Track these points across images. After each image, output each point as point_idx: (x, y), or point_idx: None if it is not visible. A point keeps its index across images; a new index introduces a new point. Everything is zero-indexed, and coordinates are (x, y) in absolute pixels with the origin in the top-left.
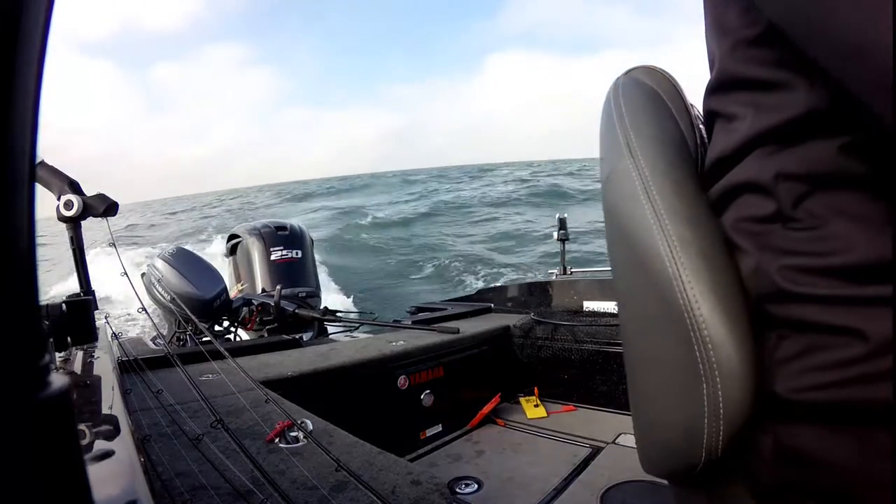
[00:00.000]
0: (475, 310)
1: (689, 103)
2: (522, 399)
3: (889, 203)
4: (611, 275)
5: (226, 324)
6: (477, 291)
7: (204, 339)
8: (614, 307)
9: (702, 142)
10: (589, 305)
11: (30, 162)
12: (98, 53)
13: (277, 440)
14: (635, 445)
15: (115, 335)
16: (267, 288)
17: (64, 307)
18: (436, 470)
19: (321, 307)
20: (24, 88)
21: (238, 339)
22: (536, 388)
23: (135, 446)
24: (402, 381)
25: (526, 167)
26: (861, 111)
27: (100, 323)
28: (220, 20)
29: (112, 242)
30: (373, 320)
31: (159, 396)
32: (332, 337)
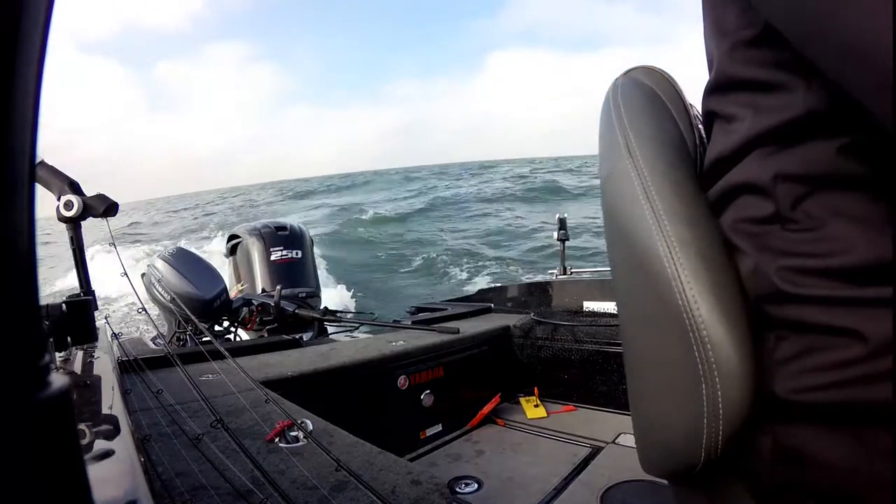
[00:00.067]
0: (475, 310)
1: (689, 103)
2: (522, 399)
3: (888, 204)
4: (610, 275)
5: (226, 324)
6: (477, 291)
7: (204, 339)
8: (614, 307)
9: (701, 142)
10: (589, 305)
11: (30, 162)
12: (100, 52)
13: (277, 440)
14: (635, 445)
15: (115, 335)
16: (267, 288)
17: (64, 307)
18: (436, 470)
19: (321, 307)
20: (24, 88)
21: (238, 339)
22: (536, 388)
23: (135, 446)
24: (402, 381)
25: (527, 164)
26: (860, 112)
27: (100, 323)
28: (222, 18)
29: (112, 243)
30: (373, 320)
31: (159, 396)
32: (332, 337)
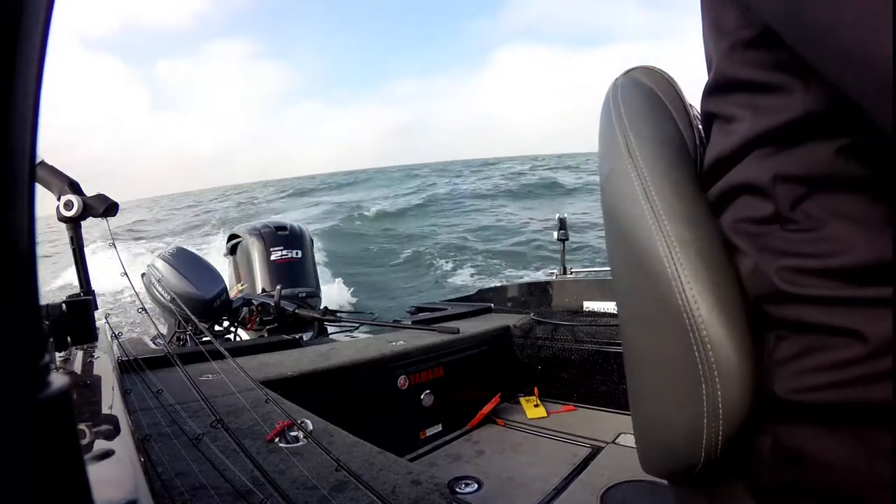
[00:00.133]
0: (475, 310)
1: (688, 103)
2: (522, 399)
3: (888, 205)
4: (610, 275)
5: (226, 324)
6: (477, 291)
7: (204, 339)
8: (614, 307)
9: (701, 142)
10: (589, 305)
11: (30, 162)
12: (102, 50)
13: (277, 440)
14: (635, 445)
15: (115, 335)
16: (267, 288)
17: (64, 307)
18: (436, 470)
19: (321, 307)
20: (24, 88)
21: (238, 339)
22: (536, 388)
23: (135, 446)
24: (402, 381)
25: (529, 161)
26: (859, 114)
27: (100, 323)
28: (225, 16)
29: (112, 243)
30: (373, 320)
31: (159, 396)
32: (332, 337)
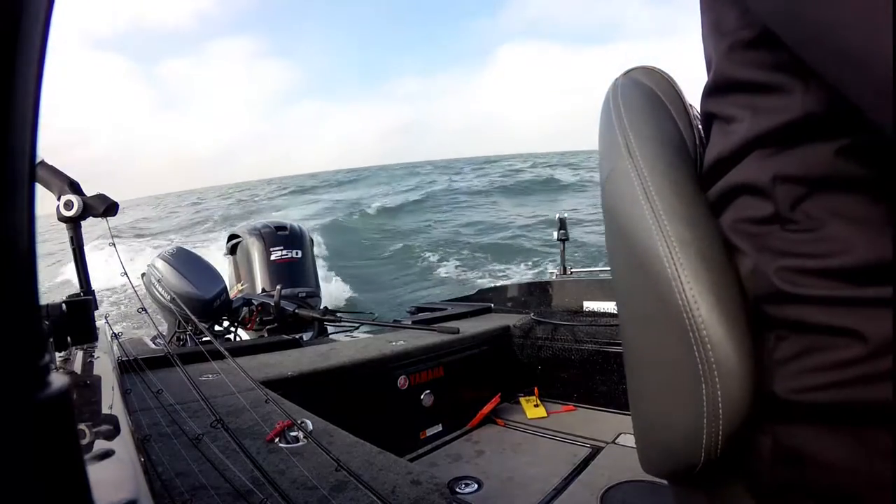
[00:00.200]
0: (475, 310)
1: (689, 103)
2: (522, 399)
3: (888, 205)
4: (610, 275)
5: (226, 324)
6: (477, 291)
7: (204, 339)
8: (614, 307)
9: (701, 142)
10: (589, 305)
11: (30, 162)
12: (105, 49)
13: (277, 440)
14: (635, 445)
15: (115, 335)
16: (267, 288)
17: (64, 307)
18: (436, 470)
19: (321, 307)
20: (24, 88)
21: (238, 339)
22: (536, 388)
23: (135, 446)
24: (402, 381)
25: (531, 158)
26: (858, 115)
27: (100, 323)
28: (229, 14)
29: (112, 243)
30: (373, 320)
31: (159, 396)
32: (332, 337)
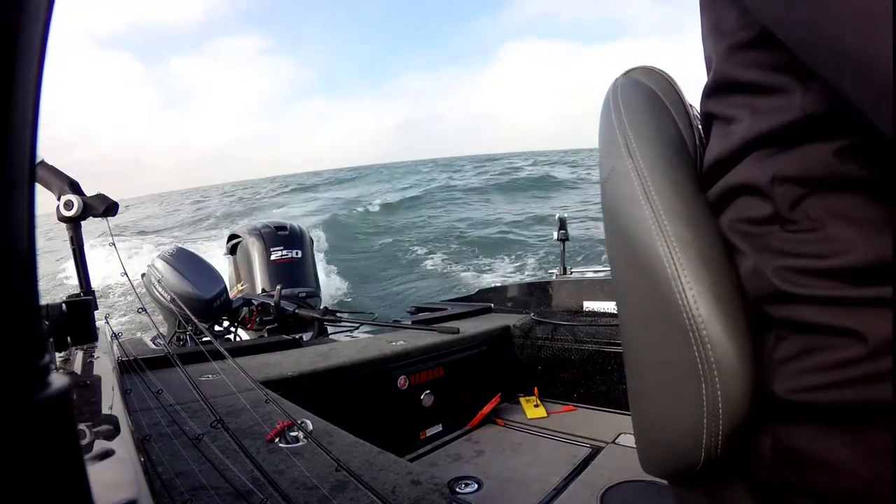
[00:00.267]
0: (475, 310)
1: (689, 104)
2: (522, 399)
3: (888, 205)
4: (610, 275)
5: (226, 324)
6: (477, 291)
7: (204, 339)
8: (614, 307)
9: (701, 142)
10: (589, 305)
11: (30, 162)
12: (110, 47)
13: (277, 440)
14: (635, 445)
15: (115, 335)
16: (267, 288)
17: (64, 307)
18: (436, 470)
19: (321, 307)
20: (24, 88)
21: (238, 339)
22: (536, 388)
23: (135, 446)
24: (402, 381)
25: (533, 157)
26: (858, 116)
27: (100, 323)
28: (232, 13)
29: (112, 243)
30: (373, 320)
31: (159, 396)
32: (332, 337)
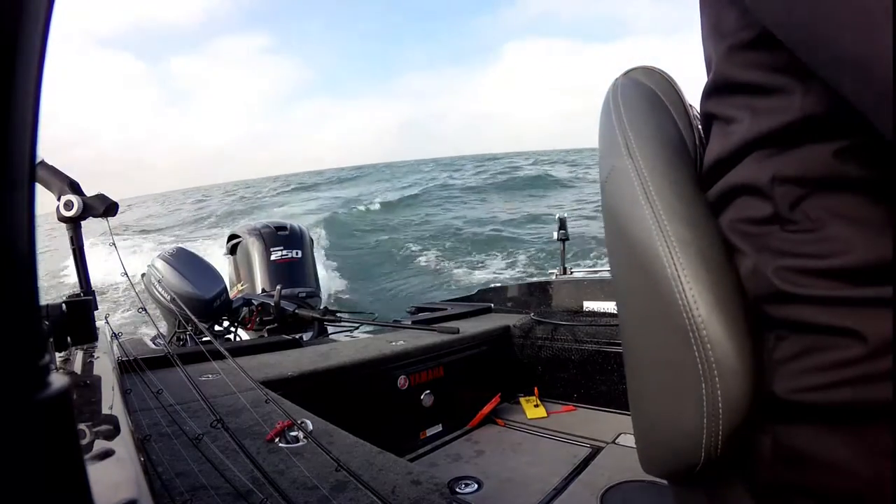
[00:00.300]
0: (475, 310)
1: (689, 104)
2: (522, 399)
3: (887, 206)
4: (610, 275)
5: (226, 324)
6: (477, 291)
7: (204, 339)
8: (614, 307)
9: (701, 142)
10: (589, 305)
11: (30, 162)
12: (111, 47)
13: (277, 440)
14: (635, 445)
15: (115, 335)
16: (267, 288)
17: (64, 307)
18: (436, 470)
19: (321, 307)
20: (24, 88)
21: (238, 339)
22: (536, 388)
23: (135, 446)
24: (402, 381)
25: (534, 156)
26: (858, 117)
27: (100, 323)
28: (234, 12)
29: (112, 243)
30: (373, 320)
31: (159, 396)
32: (332, 337)
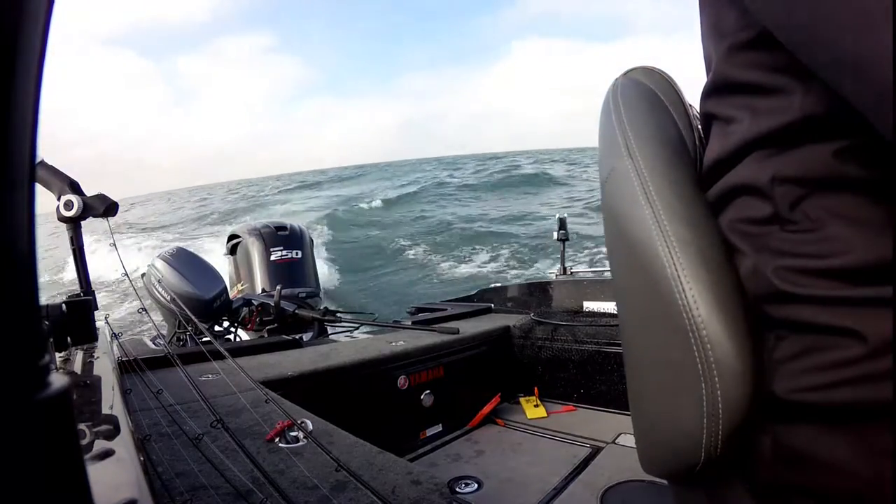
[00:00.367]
0: (475, 310)
1: (688, 104)
2: (522, 399)
3: (887, 206)
4: (610, 275)
5: (226, 324)
6: (477, 291)
7: (204, 339)
8: (614, 307)
9: (700, 142)
10: (589, 305)
11: (30, 162)
12: (116, 46)
13: (277, 440)
14: (635, 445)
15: (115, 335)
16: (267, 288)
17: (64, 307)
18: (436, 470)
19: (321, 307)
20: (24, 88)
21: (238, 340)
22: (536, 388)
23: (135, 446)
24: (402, 381)
25: (535, 155)
26: (858, 117)
27: (100, 323)
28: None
29: (112, 243)
30: (373, 320)
31: (159, 396)
32: (332, 337)
